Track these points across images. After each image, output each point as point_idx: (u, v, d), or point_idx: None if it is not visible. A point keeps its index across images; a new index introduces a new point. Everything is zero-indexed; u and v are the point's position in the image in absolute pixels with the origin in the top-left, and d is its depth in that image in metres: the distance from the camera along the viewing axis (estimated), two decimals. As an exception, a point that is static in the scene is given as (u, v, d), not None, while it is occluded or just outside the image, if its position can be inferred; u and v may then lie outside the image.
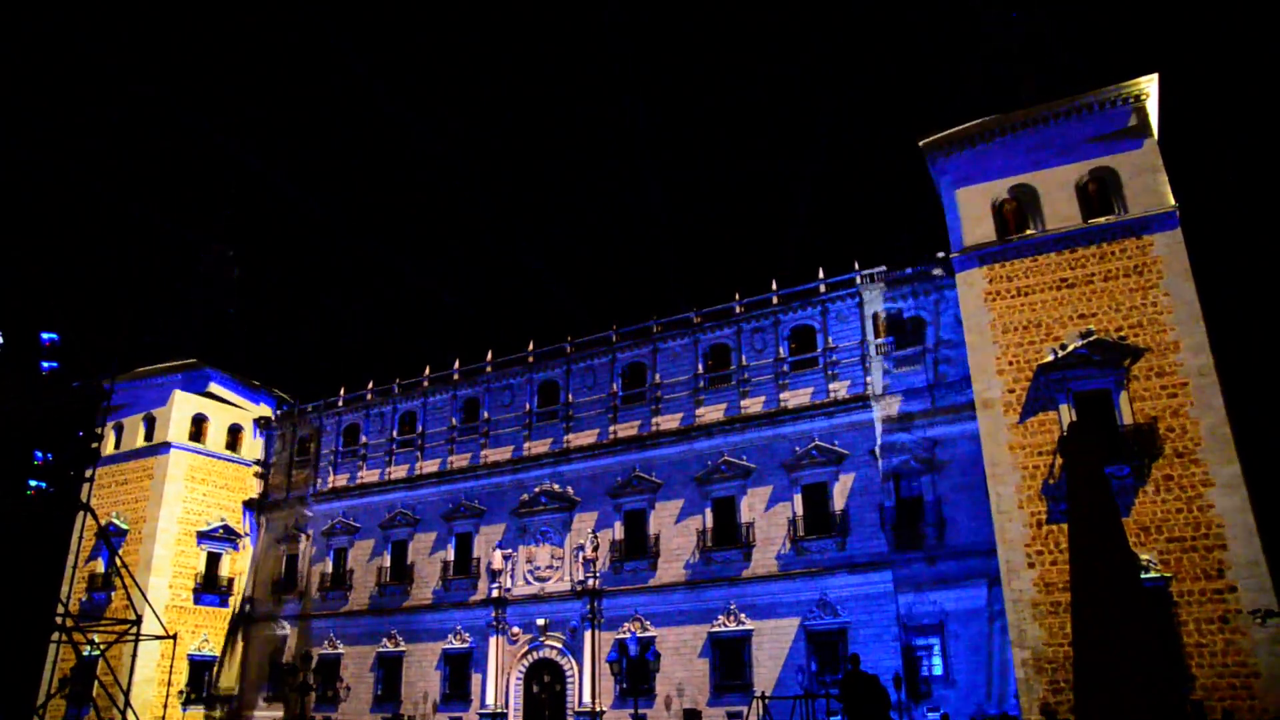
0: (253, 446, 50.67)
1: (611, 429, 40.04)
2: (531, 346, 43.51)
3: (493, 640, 39.41)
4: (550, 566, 39.56)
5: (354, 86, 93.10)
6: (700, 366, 38.69)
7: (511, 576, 40.18)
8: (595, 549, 38.16)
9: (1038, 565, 27.23)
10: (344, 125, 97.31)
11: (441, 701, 40.17)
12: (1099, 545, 13.14)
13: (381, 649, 42.59)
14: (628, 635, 35.53)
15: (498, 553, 40.51)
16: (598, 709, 35.89)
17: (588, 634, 37.24)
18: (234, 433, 50.21)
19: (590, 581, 37.77)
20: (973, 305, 30.95)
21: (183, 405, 48.41)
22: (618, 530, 38.52)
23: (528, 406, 42.57)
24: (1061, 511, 26.56)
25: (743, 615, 34.43)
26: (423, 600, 42.53)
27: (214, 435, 49.46)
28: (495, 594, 39.90)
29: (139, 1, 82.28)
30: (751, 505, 35.79)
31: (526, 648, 38.98)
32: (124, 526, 46.07)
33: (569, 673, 37.50)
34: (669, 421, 38.59)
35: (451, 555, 42.47)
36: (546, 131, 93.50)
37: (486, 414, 43.59)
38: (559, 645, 38.15)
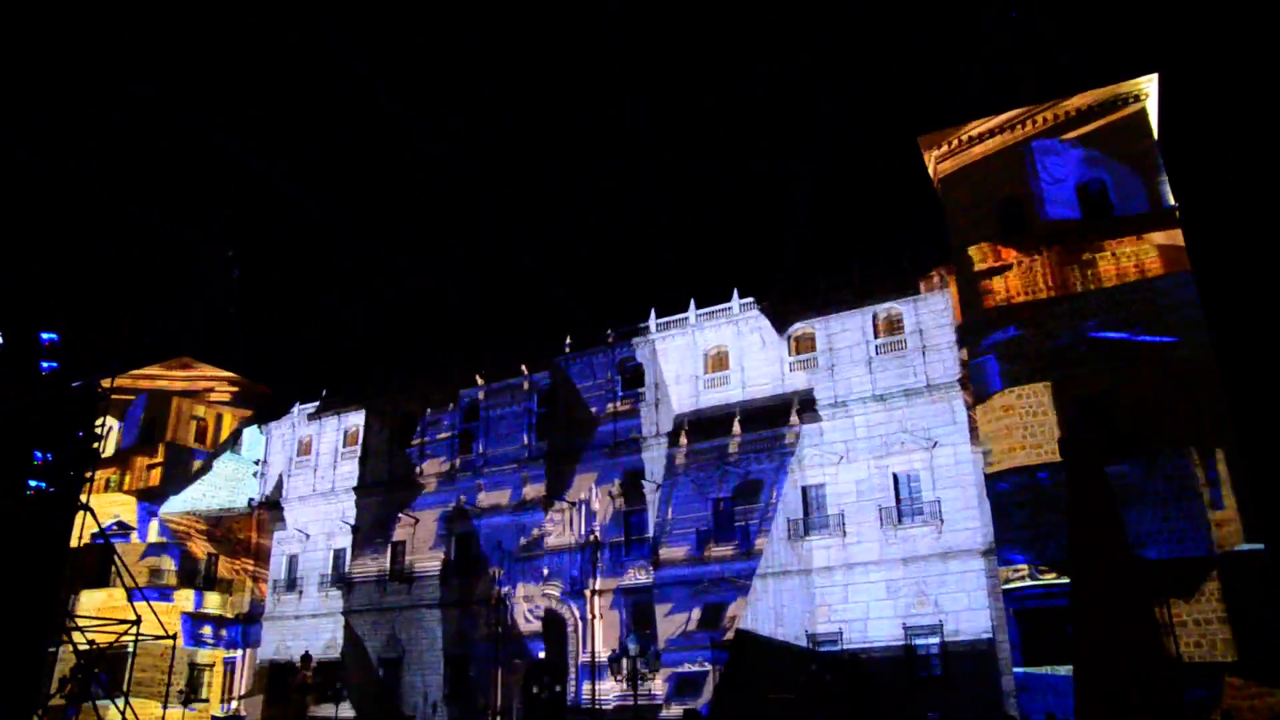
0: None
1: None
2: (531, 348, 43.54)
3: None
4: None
5: (354, 86, 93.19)
6: (702, 368, 38.74)
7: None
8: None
9: (1038, 565, 27.18)
10: (344, 125, 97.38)
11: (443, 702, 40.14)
12: (1099, 545, 13.18)
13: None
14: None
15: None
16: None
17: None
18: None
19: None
20: (973, 305, 30.88)
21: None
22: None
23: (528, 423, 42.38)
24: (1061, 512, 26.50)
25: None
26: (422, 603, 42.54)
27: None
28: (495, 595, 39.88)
29: (139, 1, 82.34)
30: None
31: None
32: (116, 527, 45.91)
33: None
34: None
35: (452, 556, 42.39)
36: (546, 131, 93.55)
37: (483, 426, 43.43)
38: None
